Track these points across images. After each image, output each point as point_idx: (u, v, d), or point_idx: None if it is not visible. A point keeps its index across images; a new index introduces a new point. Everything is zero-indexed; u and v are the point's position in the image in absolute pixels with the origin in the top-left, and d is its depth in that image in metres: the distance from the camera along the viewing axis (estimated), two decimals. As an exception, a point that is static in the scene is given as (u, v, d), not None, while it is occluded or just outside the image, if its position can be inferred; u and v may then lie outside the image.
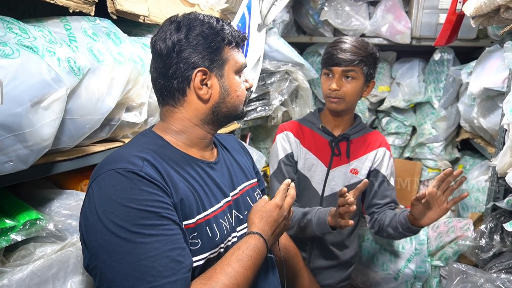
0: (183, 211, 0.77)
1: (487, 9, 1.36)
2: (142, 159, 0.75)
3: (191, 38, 0.82)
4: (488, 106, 1.72)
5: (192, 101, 0.85)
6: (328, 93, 1.40)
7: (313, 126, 1.51)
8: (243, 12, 1.79)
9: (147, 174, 0.73)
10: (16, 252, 0.91)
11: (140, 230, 0.68)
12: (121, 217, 0.68)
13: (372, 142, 1.49)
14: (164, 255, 0.68)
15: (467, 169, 2.29)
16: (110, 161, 0.76)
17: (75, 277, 0.94)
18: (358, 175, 1.45)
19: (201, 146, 0.90)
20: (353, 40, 1.39)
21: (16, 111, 0.75)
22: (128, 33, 1.18)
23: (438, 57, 2.47)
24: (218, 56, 0.85)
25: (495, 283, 1.19)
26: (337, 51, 1.36)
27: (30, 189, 1.08)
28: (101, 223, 0.68)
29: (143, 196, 0.70)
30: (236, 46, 0.89)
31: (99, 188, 0.72)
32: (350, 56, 1.34)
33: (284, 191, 0.94)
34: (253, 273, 0.78)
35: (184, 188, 0.79)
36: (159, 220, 0.70)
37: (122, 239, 0.67)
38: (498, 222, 1.50)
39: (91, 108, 0.96)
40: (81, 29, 0.98)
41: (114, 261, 0.67)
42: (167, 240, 0.70)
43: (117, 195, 0.70)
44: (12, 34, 0.79)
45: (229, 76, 0.87)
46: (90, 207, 0.71)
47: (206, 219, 0.82)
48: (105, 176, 0.73)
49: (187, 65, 0.82)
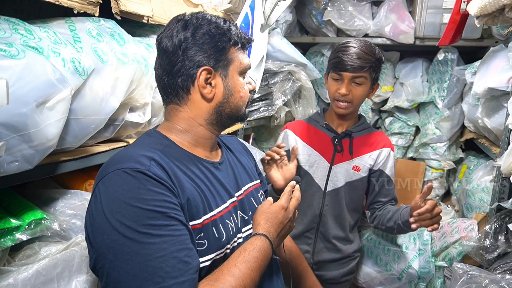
0: (190, 212, 0.77)
1: (492, 9, 1.35)
2: (149, 159, 0.75)
3: (197, 37, 0.82)
4: (492, 106, 1.72)
5: (196, 100, 0.85)
6: (337, 97, 1.43)
7: (317, 124, 1.55)
8: (246, 12, 1.79)
9: (154, 174, 0.72)
10: (22, 251, 0.92)
11: (147, 231, 0.68)
12: (129, 217, 0.68)
13: (376, 142, 1.51)
14: (172, 255, 0.68)
15: (471, 169, 2.27)
16: (117, 161, 0.75)
17: (80, 276, 0.94)
18: (360, 172, 1.49)
19: (206, 146, 0.91)
20: (362, 45, 1.39)
21: (22, 111, 0.75)
22: (132, 34, 1.19)
23: (442, 57, 2.45)
24: (223, 56, 0.85)
25: (499, 284, 1.19)
26: (347, 57, 1.37)
27: (35, 189, 1.09)
28: (108, 223, 0.68)
29: (150, 196, 0.70)
30: (242, 47, 0.89)
31: (106, 187, 0.71)
32: (360, 63, 1.36)
33: (289, 193, 0.93)
34: (259, 275, 0.78)
35: (191, 188, 0.79)
36: (166, 220, 0.70)
37: (129, 239, 0.67)
38: (502, 222, 1.49)
39: (95, 108, 0.96)
40: (86, 29, 0.99)
41: (121, 262, 0.66)
42: (175, 240, 0.70)
43: (124, 194, 0.69)
44: (18, 35, 0.80)
45: (233, 77, 0.87)
46: (97, 207, 0.71)
47: (212, 220, 0.82)
48: (112, 175, 0.72)
49: (192, 63, 0.82)
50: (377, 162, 1.50)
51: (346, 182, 1.48)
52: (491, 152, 1.81)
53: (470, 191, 2.08)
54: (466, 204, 2.12)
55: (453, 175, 2.61)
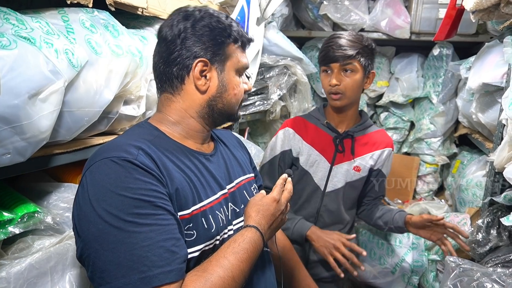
0: (178, 202, 0.77)
1: (487, 4, 1.35)
2: (137, 148, 0.75)
3: (197, 28, 0.83)
4: (486, 101, 1.72)
5: (189, 90, 0.85)
6: (329, 89, 1.40)
7: (317, 122, 1.50)
8: (242, 5, 1.77)
9: (141, 163, 0.72)
10: (14, 245, 0.91)
11: (134, 219, 0.67)
12: (115, 206, 0.67)
13: (378, 141, 1.49)
14: (158, 245, 0.68)
15: (465, 164, 2.29)
16: (104, 150, 0.75)
17: (74, 270, 0.94)
18: (360, 172, 1.46)
19: (197, 138, 0.90)
20: (347, 34, 1.40)
21: (14, 103, 0.74)
22: (126, 26, 1.17)
23: (437, 52, 2.46)
24: (221, 50, 0.85)
25: (491, 277, 1.20)
26: (333, 47, 1.36)
27: (28, 182, 1.08)
28: (94, 212, 0.67)
29: (137, 185, 0.69)
30: (242, 46, 0.90)
31: (93, 176, 0.71)
32: (346, 51, 1.35)
33: (281, 186, 0.93)
34: (248, 266, 0.78)
35: (180, 178, 0.79)
36: (153, 209, 0.69)
37: (115, 228, 0.66)
38: (495, 216, 1.51)
39: (89, 100, 0.95)
40: (79, 20, 0.97)
41: (106, 251, 0.66)
42: (162, 230, 0.69)
43: (111, 183, 0.69)
44: (9, 25, 0.78)
45: (229, 73, 0.88)
46: (83, 196, 0.70)
47: (201, 210, 0.81)
48: (99, 164, 0.72)
49: (189, 53, 0.83)
50: (378, 162, 1.49)
51: (346, 182, 1.46)
52: (485, 147, 1.82)
53: (463, 186, 2.10)
54: (459, 198, 2.14)
55: (446, 170, 2.63)
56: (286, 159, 1.49)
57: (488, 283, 1.17)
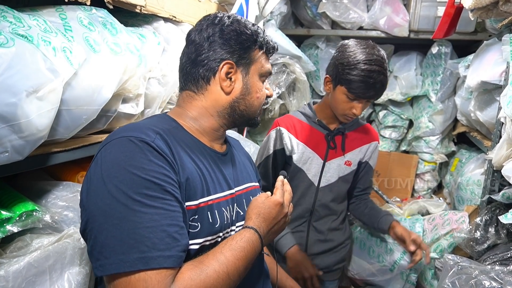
0: (187, 191, 0.78)
1: (486, 2, 1.36)
2: (155, 132, 0.77)
3: (225, 32, 0.87)
4: (485, 100, 1.73)
5: (214, 91, 0.88)
6: (348, 114, 1.38)
7: (309, 120, 1.52)
8: (241, 3, 1.77)
9: (158, 147, 0.74)
10: (13, 243, 0.91)
11: (141, 199, 0.68)
12: (125, 183, 0.68)
13: (366, 136, 1.56)
14: (162, 228, 0.68)
15: (463, 162, 2.30)
16: (123, 130, 0.77)
17: (72, 268, 0.94)
18: (351, 167, 1.53)
19: (213, 137, 0.92)
20: (383, 68, 1.32)
21: (11, 101, 0.74)
22: (125, 24, 1.17)
23: (436, 50, 2.46)
24: (247, 54, 0.89)
25: (489, 274, 1.21)
26: (372, 85, 1.31)
27: (26, 181, 1.08)
28: (104, 186, 0.69)
29: (151, 166, 0.71)
30: (266, 52, 0.93)
31: (108, 152, 0.72)
32: (381, 92, 1.36)
33: (281, 188, 0.93)
34: (244, 265, 0.77)
35: (192, 169, 0.80)
36: (162, 193, 0.70)
37: (122, 205, 0.67)
38: (493, 214, 1.51)
39: (87, 99, 0.95)
40: (77, 18, 0.97)
41: (110, 225, 0.67)
42: (167, 215, 0.70)
43: (125, 161, 0.70)
44: (6, 22, 0.78)
45: (253, 77, 0.91)
46: (96, 170, 0.71)
47: (208, 204, 0.82)
48: (116, 142, 0.73)
49: (216, 55, 0.86)
50: (366, 155, 1.55)
51: (339, 177, 1.51)
52: (483, 145, 1.83)
53: (461, 184, 2.10)
54: (457, 196, 2.14)
55: (445, 168, 2.64)
56: (279, 158, 1.51)
57: (486, 280, 1.17)
